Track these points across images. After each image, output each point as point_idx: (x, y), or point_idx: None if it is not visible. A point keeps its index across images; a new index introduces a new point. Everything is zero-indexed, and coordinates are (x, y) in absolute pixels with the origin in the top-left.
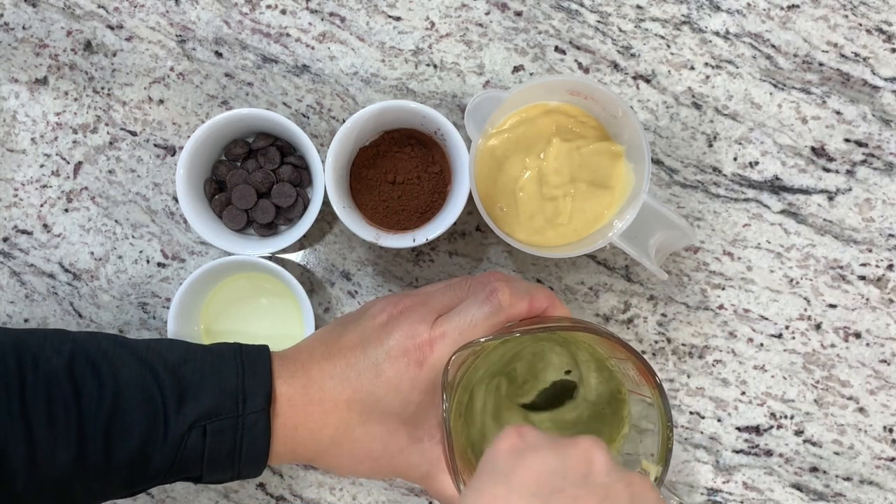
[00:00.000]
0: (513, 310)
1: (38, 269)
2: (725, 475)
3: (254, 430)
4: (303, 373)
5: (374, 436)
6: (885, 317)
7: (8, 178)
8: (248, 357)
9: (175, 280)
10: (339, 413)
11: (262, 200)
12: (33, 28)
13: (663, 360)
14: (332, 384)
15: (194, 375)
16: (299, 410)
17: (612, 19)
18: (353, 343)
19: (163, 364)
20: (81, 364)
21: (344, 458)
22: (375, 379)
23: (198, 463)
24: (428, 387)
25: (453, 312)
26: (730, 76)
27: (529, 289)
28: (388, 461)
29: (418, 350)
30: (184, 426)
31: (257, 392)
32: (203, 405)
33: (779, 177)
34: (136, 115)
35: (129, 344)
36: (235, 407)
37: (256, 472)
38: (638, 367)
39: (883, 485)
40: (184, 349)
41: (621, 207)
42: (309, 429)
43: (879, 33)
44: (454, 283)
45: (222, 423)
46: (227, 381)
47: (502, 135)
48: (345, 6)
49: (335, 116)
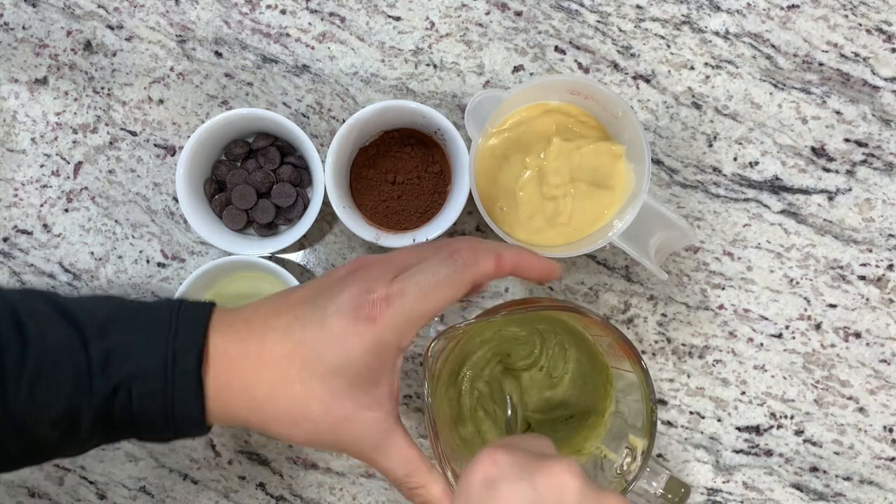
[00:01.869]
0: (478, 268)
1: (38, 269)
2: (725, 475)
3: (184, 391)
4: (244, 325)
5: (314, 395)
6: (885, 317)
7: (8, 178)
8: (184, 314)
9: (175, 280)
10: (278, 367)
11: (262, 200)
12: (33, 28)
13: (663, 360)
14: (273, 336)
15: (124, 334)
16: (234, 364)
17: (612, 19)
18: (304, 296)
19: (91, 322)
20: (7, 324)
21: (281, 418)
22: (320, 332)
23: (130, 424)
24: (378, 348)
25: (415, 269)
26: (730, 76)
27: (496, 247)
28: (328, 427)
29: (371, 305)
30: (108, 388)
31: (188, 350)
32: (129, 366)
33: (779, 177)
34: (136, 115)
35: (61, 302)
36: (164, 367)
37: (198, 431)
38: (619, 344)
39: (883, 485)
40: (117, 306)
41: (621, 207)
42: (243, 382)
43: (879, 33)
44: (421, 245)
45: (150, 385)
46: (157, 341)
47: (502, 134)
48: (345, 6)
49: (335, 116)
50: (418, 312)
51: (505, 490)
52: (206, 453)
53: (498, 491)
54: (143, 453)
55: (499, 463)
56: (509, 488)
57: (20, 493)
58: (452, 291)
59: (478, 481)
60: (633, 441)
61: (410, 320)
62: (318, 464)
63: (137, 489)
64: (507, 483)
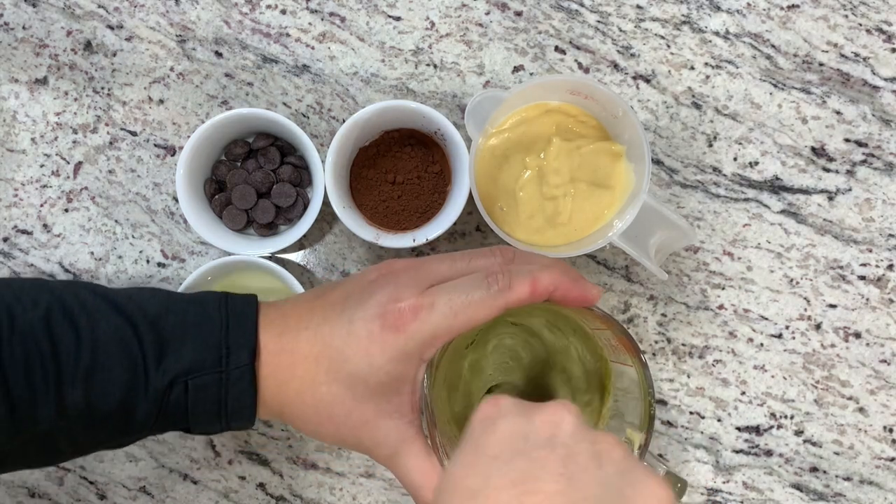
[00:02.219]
0: (512, 293)
1: (38, 269)
2: (725, 475)
3: (239, 385)
4: (282, 320)
5: (338, 398)
6: (885, 317)
7: (8, 178)
8: (233, 308)
9: (175, 280)
10: (307, 366)
11: (262, 200)
12: (33, 28)
13: (663, 360)
14: (306, 335)
15: (175, 328)
16: (272, 359)
17: (612, 19)
18: (336, 298)
19: (142, 316)
20: (58, 317)
21: (308, 416)
22: (347, 337)
23: (183, 416)
24: (401, 356)
25: (449, 285)
26: (730, 76)
27: (533, 270)
28: (351, 430)
29: (398, 314)
30: (164, 381)
31: (242, 345)
32: (185, 360)
33: (779, 177)
34: (136, 115)
35: (109, 294)
36: (219, 361)
37: (246, 424)
38: (619, 337)
39: (883, 485)
40: (166, 299)
41: (621, 207)
42: (277, 379)
43: (879, 33)
44: (456, 256)
45: (205, 378)
46: (210, 334)
47: (502, 134)
48: (345, 6)
49: (335, 116)
50: (445, 328)
51: (501, 423)
52: (206, 453)
53: (496, 425)
54: (143, 453)
55: (500, 404)
56: (506, 422)
57: (20, 493)
58: (483, 314)
59: (479, 419)
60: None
61: (436, 335)
62: (318, 464)
63: (137, 489)
64: (504, 418)
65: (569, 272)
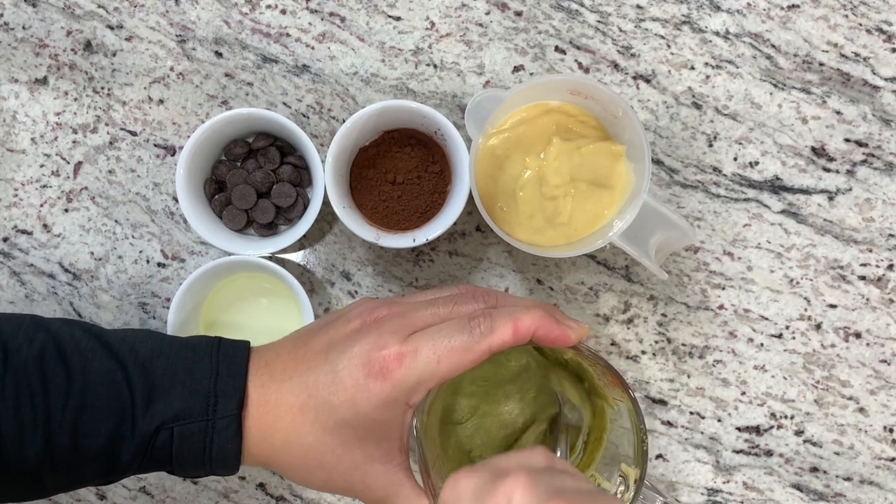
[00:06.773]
0: (494, 337)
1: (38, 269)
2: (725, 475)
3: (224, 435)
4: (266, 371)
5: (327, 446)
6: (885, 317)
7: (8, 178)
8: (224, 355)
9: (175, 280)
10: (292, 417)
11: (262, 200)
12: (33, 28)
13: (663, 360)
14: (288, 387)
15: (166, 373)
16: (254, 410)
17: (612, 19)
18: (319, 347)
19: (134, 358)
20: (52, 356)
21: (296, 465)
22: (331, 386)
23: (168, 460)
24: (387, 404)
25: (432, 330)
26: (730, 76)
27: (514, 312)
28: (341, 475)
29: (383, 362)
30: (151, 427)
31: (230, 394)
32: (172, 406)
33: (779, 177)
34: (136, 115)
35: (104, 335)
36: (206, 410)
37: (230, 471)
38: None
39: (883, 485)
40: (158, 342)
41: (621, 207)
42: (262, 430)
43: (879, 33)
44: (438, 301)
45: (191, 426)
46: (199, 381)
47: (502, 134)
48: (345, 6)
49: (335, 116)
50: (430, 374)
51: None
52: None
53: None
54: None
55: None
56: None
57: None
58: (467, 359)
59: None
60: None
61: (421, 381)
62: None
63: (137, 489)
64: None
65: (552, 312)
